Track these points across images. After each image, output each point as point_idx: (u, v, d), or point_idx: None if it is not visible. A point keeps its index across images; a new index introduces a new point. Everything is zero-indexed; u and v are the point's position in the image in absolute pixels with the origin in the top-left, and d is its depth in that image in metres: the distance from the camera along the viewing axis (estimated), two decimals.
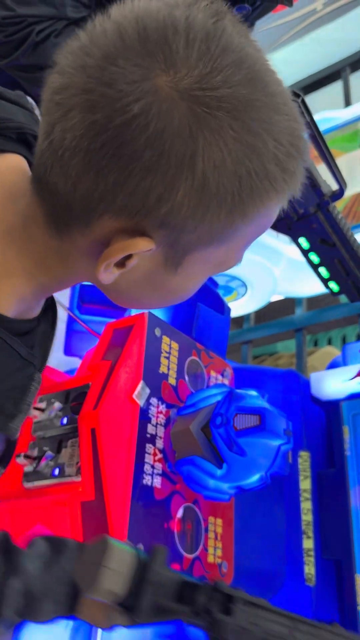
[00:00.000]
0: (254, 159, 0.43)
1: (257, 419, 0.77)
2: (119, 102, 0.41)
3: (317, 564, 1.06)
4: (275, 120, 0.44)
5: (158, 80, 0.41)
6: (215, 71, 0.42)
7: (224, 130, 0.42)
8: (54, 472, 0.79)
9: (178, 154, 0.41)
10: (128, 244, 0.45)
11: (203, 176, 0.42)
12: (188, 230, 0.45)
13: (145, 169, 0.42)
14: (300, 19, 2.49)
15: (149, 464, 0.80)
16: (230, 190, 0.43)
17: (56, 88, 0.44)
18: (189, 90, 0.41)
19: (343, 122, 2.18)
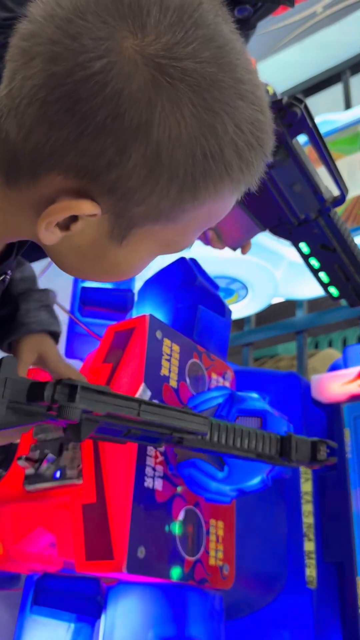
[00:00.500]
0: (210, 140, 0.42)
1: (258, 421, 0.77)
2: (81, 57, 0.40)
3: (318, 566, 1.06)
4: (238, 106, 0.43)
5: (124, 42, 0.40)
6: (184, 42, 0.41)
7: (183, 103, 0.41)
8: (55, 474, 0.79)
9: (134, 119, 0.40)
10: (72, 205, 0.44)
11: (157, 146, 0.41)
12: (135, 202, 0.44)
13: (99, 130, 0.41)
14: (301, 22, 2.50)
15: (150, 466, 0.80)
16: (183, 167, 0.42)
17: (24, 35, 0.43)
18: (154, 57, 0.40)
19: (343, 124, 2.18)
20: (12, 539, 0.86)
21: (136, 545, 0.74)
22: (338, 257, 0.83)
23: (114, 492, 0.74)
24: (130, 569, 0.72)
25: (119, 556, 0.72)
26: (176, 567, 0.80)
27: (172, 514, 0.82)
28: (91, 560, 0.74)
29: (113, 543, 0.72)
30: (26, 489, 0.82)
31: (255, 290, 1.88)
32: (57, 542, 0.83)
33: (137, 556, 0.73)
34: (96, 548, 0.74)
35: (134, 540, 0.73)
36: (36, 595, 0.87)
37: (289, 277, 1.89)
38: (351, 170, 2.06)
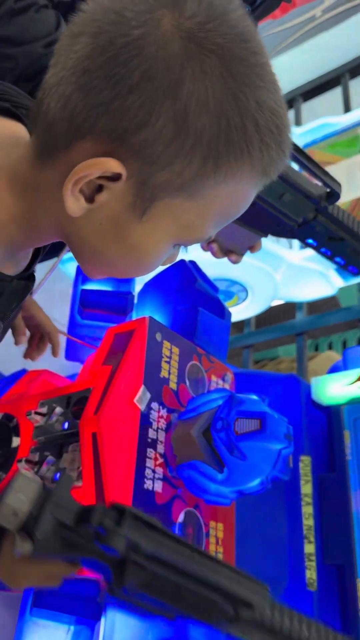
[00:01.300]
0: (235, 110, 0.45)
1: (257, 423, 0.77)
2: (122, 26, 0.44)
3: (318, 568, 1.05)
4: (260, 87, 0.46)
5: (162, 18, 0.44)
6: (216, 21, 0.45)
7: (212, 71, 0.44)
8: (55, 477, 0.79)
9: (164, 79, 0.43)
10: (98, 162, 0.45)
11: (185, 108, 0.44)
12: (160, 166, 0.46)
13: (132, 89, 0.43)
14: (300, 25, 2.51)
15: (150, 468, 0.80)
16: (208, 133, 0.45)
17: (74, 23, 0.47)
18: (188, 31, 0.44)
19: (343, 127, 2.19)
20: None
21: None
22: (348, 244, 0.82)
23: (114, 494, 0.74)
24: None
25: None
26: None
27: (172, 515, 0.82)
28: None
29: None
30: None
31: (255, 293, 1.89)
32: None
33: None
34: None
35: None
36: (36, 598, 0.87)
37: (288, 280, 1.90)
38: (350, 173, 2.06)
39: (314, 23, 2.49)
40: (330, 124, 2.22)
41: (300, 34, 2.53)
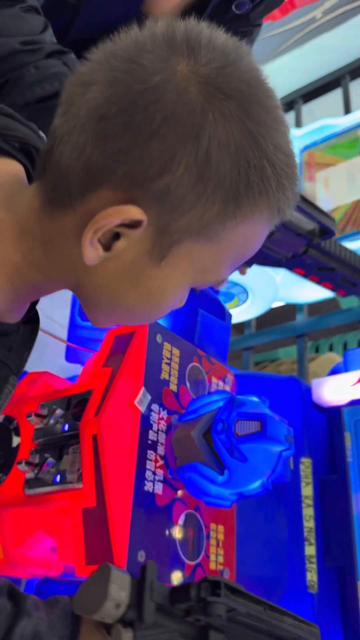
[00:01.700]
0: (255, 153, 0.45)
1: (258, 425, 0.77)
2: (139, 74, 0.44)
3: (319, 571, 1.05)
4: (276, 131, 0.47)
5: (178, 66, 0.44)
6: (232, 67, 0.45)
7: (232, 115, 0.44)
8: (55, 478, 0.79)
9: (186, 125, 0.43)
10: (120, 210, 0.45)
11: (206, 152, 0.44)
12: (181, 211, 0.45)
13: (152, 135, 0.43)
14: (300, 27, 2.51)
15: (150, 470, 0.80)
16: (229, 176, 0.45)
17: (82, 72, 0.47)
18: (205, 76, 0.44)
19: (343, 129, 2.19)
20: (12, 543, 0.86)
21: (136, 550, 0.74)
22: (339, 273, 0.82)
23: (114, 496, 0.74)
24: (130, 573, 0.72)
25: (119, 560, 0.72)
26: (177, 572, 0.80)
27: (173, 518, 0.82)
28: (91, 565, 0.74)
29: (113, 547, 0.72)
30: (26, 493, 0.82)
31: (255, 294, 1.89)
32: (57, 546, 0.83)
33: (137, 560, 0.73)
34: (96, 552, 0.73)
35: (134, 544, 0.73)
36: None
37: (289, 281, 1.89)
38: (351, 174, 2.06)
39: (315, 25, 2.49)
40: (330, 125, 2.22)
41: (300, 36, 2.54)
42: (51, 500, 0.80)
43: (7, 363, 0.52)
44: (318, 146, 2.22)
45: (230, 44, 0.47)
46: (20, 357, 0.55)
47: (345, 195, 2.03)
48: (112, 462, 0.76)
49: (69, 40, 1.05)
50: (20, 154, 0.56)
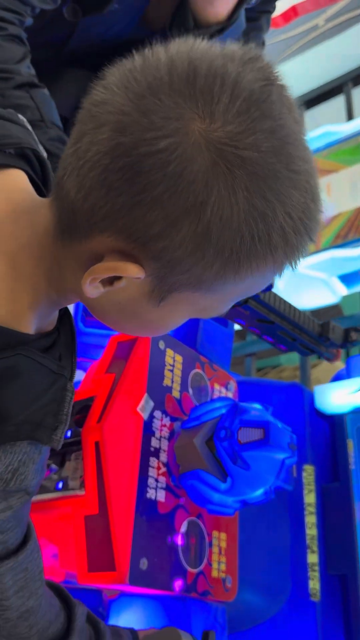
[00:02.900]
0: (260, 225, 0.44)
1: (261, 432, 0.77)
2: (148, 133, 0.42)
3: (322, 579, 1.05)
4: (291, 195, 0.45)
5: (191, 124, 0.42)
6: (248, 132, 0.43)
7: (239, 189, 0.43)
8: (57, 485, 0.79)
9: (189, 199, 0.42)
10: (118, 266, 0.46)
11: (207, 226, 0.43)
12: (179, 271, 0.46)
13: (154, 202, 0.43)
14: (303, 34, 2.52)
15: (152, 477, 0.80)
16: (229, 247, 0.44)
17: (96, 101, 0.45)
18: (217, 143, 0.42)
19: (345, 135, 2.19)
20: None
21: (138, 557, 0.73)
22: (278, 326, 0.81)
23: (117, 503, 0.74)
24: (132, 580, 0.72)
25: (121, 568, 0.71)
26: (178, 579, 0.79)
27: (175, 525, 0.81)
28: (93, 572, 0.73)
29: (115, 554, 0.72)
30: None
31: None
32: (59, 553, 0.83)
33: (140, 568, 0.73)
34: (98, 559, 0.73)
35: (136, 551, 0.73)
36: None
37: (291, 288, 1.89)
38: (353, 181, 2.07)
39: (317, 32, 2.50)
40: (333, 132, 2.23)
41: (303, 43, 2.55)
42: (53, 507, 0.80)
43: (62, 373, 0.53)
44: (321, 152, 2.22)
45: (256, 91, 0.43)
46: (70, 363, 0.56)
47: (348, 201, 2.03)
48: (115, 469, 0.76)
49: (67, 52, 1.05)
50: (18, 159, 0.57)
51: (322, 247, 2.00)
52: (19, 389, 0.49)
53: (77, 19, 0.98)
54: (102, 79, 0.46)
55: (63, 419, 0.52)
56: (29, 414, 0.49)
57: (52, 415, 0.51)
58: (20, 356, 0.48)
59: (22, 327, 0.50)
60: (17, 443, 0.49)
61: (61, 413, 0.52)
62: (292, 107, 0.46)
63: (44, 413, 0.51)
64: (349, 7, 2.40)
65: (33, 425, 0.49)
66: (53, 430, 0.51)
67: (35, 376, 0.50)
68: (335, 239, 1.98)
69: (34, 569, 0.57)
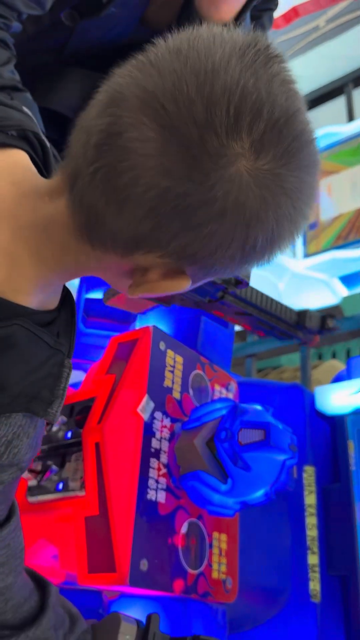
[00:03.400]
0: (294, 228, 0.49)
1: (261, 433, 0.77)
2: (200, 187, 0.43)
3: (322, 580, 1.05)
4: (313, 190, 0.49)
5: (239, 165, 0.43)
6: (285, 158, 0.45)
7: (283, 212, 0.46)
8: (57, 486, 0.79)
9: (242, 231, 0.46)
10: (173, 285, 0.50)
11: (258, 245, 0.47)
12: (214, 273, 0.51)
13: (208, 236, 0.45)
14: (304, 35, 2.52)
15: (153, 478, 0.80)
16: (271, 250, 0.49)
17: (129, 137, 0.44)
18: (263, 178, 0.44)
19: (346, 136, 2.19)
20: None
21: (139, 558, 0.73)
22: (256, 318, 0.83)
23: (117, 504, 0.74)
24: (132, 582, 0.72)
25: (121, 569, 0.71)
26: (179, 581, 0.79)
27: (175, 526, 0.81)
28: (93, 573, 0.73)
29: (116, 556, 0.72)
30: (29, 501, 0.82)
31: None
32: (59, 554, 0.83)
33: (140, 569, 0.73)
34: (99, 561, 0.73)
35: (136, 553, 0.73)
36: None
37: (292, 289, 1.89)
38: (354, 182, 2.07)
39: (318, 33, 2.50)
40: (333, 133, 2.23)
41: (304, 44, 2.55)
42: (54, 508, 0.80)
43: (59, 349, 0.54)
44: (321, 153, 2.22)
45: (287, 110, 0.45)
46: (69, 341, 0.57)
47: (349, 202, 2.03)
48: (115, 470, 0.75)
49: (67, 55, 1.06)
50: (20, 141, 0.57)
51: (322, 248, 2.00)
52: (15, 360, 0.49)
53: (75, 23, 0.98)
54: (120, 102, 0.45)
55: (59, 394, 0.53)
56: (25, 386, 0.50)
57: (48, 389, 0.52)
58: (17, 327, 0.49)
59: (20, 299, 0.50)
60: (12, 415, 0.50)
61: (58, 388, 0.53)
62: (300, 96, 0.48)
63: (40, 386, 0.51)
64: (350, 8, 2.40)
65: (29, 398, 0.50)
66: (49, 404, 0.52)
67: (32, 348, 0.50)
68: (336, 240, 1.98)
69: (16, 546, 0.58)
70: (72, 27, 1.00)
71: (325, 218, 2.06)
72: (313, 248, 2.02)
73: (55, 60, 1.07)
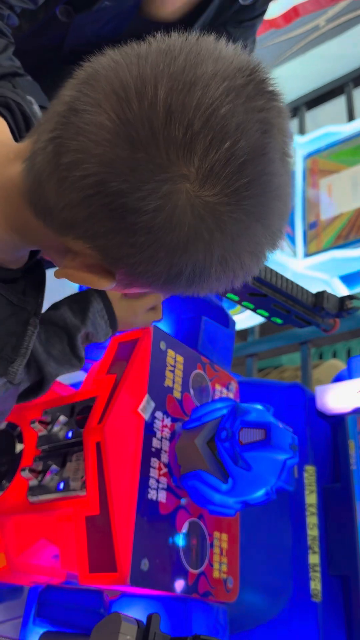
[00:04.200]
0: (228, 272, 0.47)
1: (262, 433, 0.77)
2: (137, 193, 0.41)
3: (323, 579, 1.05)
4: (262, 244, 0.47)
5: (182, 187, 0.41)
6: (235, 202, 0.42)
7: (215, 250, 0.44)
8: (58, 486, 0.79)
9: (168, 254, 0.44)
10: (93, 281, 0.48)
11: (180, 272, 0.45)
12: (144, 283, 0.48)
13: (134, 246, 0.44)
14: (304, 35, 2.52)
15: (154, 478, 0.80)
16: (198, 284, 0.47)
17: (79, 109, 0.43)
18: (203, 209, 0.42)
19: (347, 136, 2.19)
20: (16, 550, 0.85)
21: (140, 558, 0.73)
22: (272, 299, 0.81)
23: (118, 503, 0.74)
24: (133, 581, 0.72)
25: (122, 568, 0.71)
26: (180, 581, 0.79)
27: (176, 526, 0.81)
28: (94, 573, 0.73)
29: (116, 555, 0.72)
30: (30, 501, 0.82)
31: None
32: (60, 554, 0.83)
33: (141, 569, 0.73)
34: (99, 560, 0.73)
35: (137, 552, 0.73)
36: (39, 608, 0.86)
37: None
38: (354, 181, 2.07)
39: (318, 32, 2.50)
40: (334, 132, 2.23)
41: (304, 43, 2.54)
42: (54, 508, 0.80)
43: (24, 307, 0.53)
44: (321, 153, 2.22)
45: (256, 145, 0.42)
46: (35, 300, 0.57)
47: (349, 202, 2.03)
48: (116, 469, 0.75)
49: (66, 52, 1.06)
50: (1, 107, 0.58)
51: (323, 247, 2.00)
52: None
53: (71, 19, 0.98)
54: (92, 81, 0.43)
55: (22, 352, 0.53)
56: None
57: (10, 347, 0.52)
58: None
59: None
60: None
61: (21, 346, 0.53)
62: (283, 142, 0.45)
63: (2, 344, 0.51)
64: (350, 8, 2.40)
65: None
66: (10, 362, 0.52)
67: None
68: (336, 239, 1.98)
69: None
70: (67, 23, 0.99)
71: (325, 217, 2.06)
72: (313, 248, 2.02)
73: (56, 58, 1.07)
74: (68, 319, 0.70)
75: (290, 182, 0.48)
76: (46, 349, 0.68)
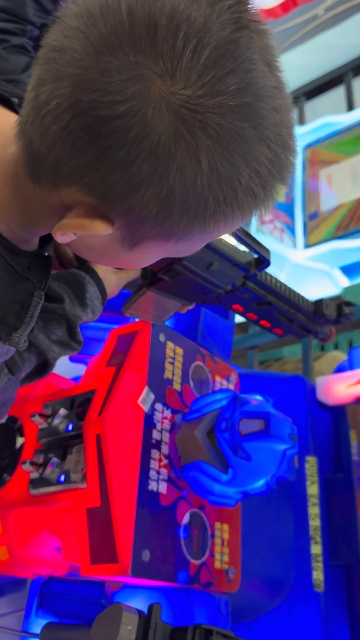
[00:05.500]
0: (224, 188, 0.43)
1: (262, 423, 0.77)
2: (107, 96, 0.40)
3: (325, 569, 1.05)
4: (258, 153, 0.43)
5: (152, 85, 0.40)
6: (212, 94, 0.40)
7: (202, 155, 0.41)
8: (59, 478, 0.79)
9: (151, 166, 0.41)
10: (85, 224, 0.46)
11: (171, 191, 0.42)
12: (147, 227, 0.46)
13: (117, 165, 0.42)
14: (302, 24, 2.50)
15: (154, 469, 0.80)
16: (195, 209, 0.44)
17: (55, 46, 0.43)
18: (179, 106, 0.40)
19: (346, 126, 2.18)
20: (18, 543, 0.86)
21: (141, 549, 0.73)
22: (276, 307, 0.82)
23: (119, 495, 0.74)
24: (135, 572, 0.72)
25: (123, 560, 0.72)
26: (182, 571, 0.80)
27: (177, 517, 0.82)
28: (96, 564, 0.74)
29: (118, 547, 0.72)
30: (31, 493, 0.82)
31: None
32: (62, 546, 0.83)
33: (142, 560, 0.73)
34: (101, 552, 0.73)
35: (138, 543, 0.73)
36: (41, 599, 0.87)
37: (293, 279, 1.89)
38: (354, 171, 2.06)
39: (316, 22, 2.48)
40: (333, 122, 2.22)
41: (302, 33, 2.53)
42: (56, 500, 0.80)
43: (28, 277, 0.53)
44: (321, 143, 2.21)
45: (224, 41, 0.40)
46: (41, 275, 0.56)
47: (349, 192, 2.02)
48: (116, 461, 0.76)
49: None
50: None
51: (323, 238, 1.99)
52: None
53: None
54: (61, 13, 0.43)
55: (27, 321, 0.53)
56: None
57: (14, 315, 0.52)
58: None
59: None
60: None
61: (25, 315, 0.53)
62: (265, 49, 0.43)
63: (6, 310, 0.51)
64: None
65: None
66: (14, 329, 0.52)
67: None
68: (336, 230, 1.97)
69: None
70: None
71: (325, 208, 2.05)
72: (313, 238, 2.02)
73: None
74: (67, 307, 0.70)
75: (289, 105, 0.46)
76: (46, 335, 0.68)
